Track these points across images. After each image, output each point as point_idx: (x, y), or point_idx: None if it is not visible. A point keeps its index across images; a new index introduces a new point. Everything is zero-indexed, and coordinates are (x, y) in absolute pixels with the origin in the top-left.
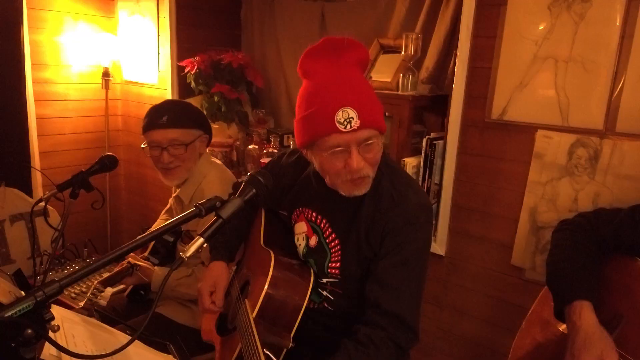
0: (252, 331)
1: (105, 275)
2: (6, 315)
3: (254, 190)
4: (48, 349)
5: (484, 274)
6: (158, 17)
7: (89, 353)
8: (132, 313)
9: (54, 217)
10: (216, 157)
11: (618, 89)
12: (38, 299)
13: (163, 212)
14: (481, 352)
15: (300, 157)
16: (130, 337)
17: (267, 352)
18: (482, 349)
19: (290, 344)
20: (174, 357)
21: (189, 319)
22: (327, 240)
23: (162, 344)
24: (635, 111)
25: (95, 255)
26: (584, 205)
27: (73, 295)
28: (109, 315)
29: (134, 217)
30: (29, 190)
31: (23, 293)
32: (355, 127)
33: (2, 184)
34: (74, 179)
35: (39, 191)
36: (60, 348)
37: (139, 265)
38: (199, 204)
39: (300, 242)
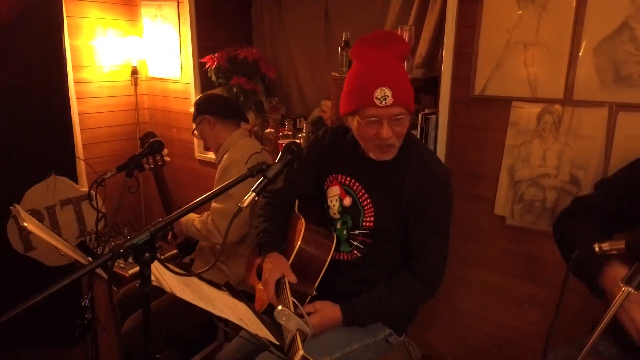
0: (284, 281)
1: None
2: (134, 242)
3: (289, 156)
4: None
5: (473, 224)
6: (179, 19)
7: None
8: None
9: (96, 201)
10: None
11: (574, 65)
12: (152, 230)
13: None
14: (472, 287)
15: (334, 134)
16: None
17: (293, 300)
18: (472, 284)
19: (314, 292)
20: (229, 294)
21: (220, 277)
22: (360, 200)
23: (217, 285)
24: (587, 83)
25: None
26: (551, 160)
27: (122, 265)
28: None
29: None
30: (74, 179)
31: (90, 258)
32: (389, 104)
33: (52, 173)
34: (129, 161)
35: (83, 179)
36: (165, 265)
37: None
38: (250, 167)
39: (334, 203)
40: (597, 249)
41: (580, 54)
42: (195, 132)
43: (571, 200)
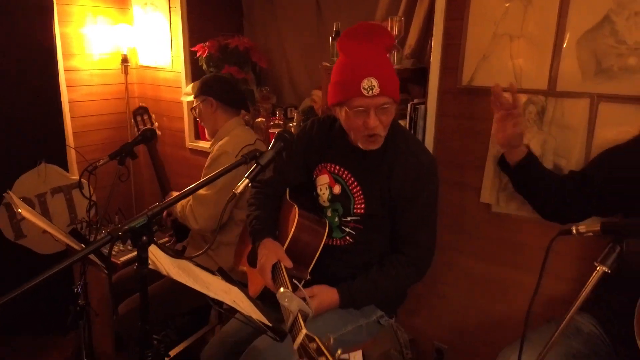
0: (280, 265)
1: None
2: (132, 225)
3: (282, 144)
4: None
5: (459, 212)
6: (169, 8)
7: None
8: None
9: (87, 190)
10: None
11: (557, 57)
12: (149, 214)
13: None
14: (458, 274)
15: (321, 125)
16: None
17: (295, 282)
18: (459, 271)
19: (308, 276)
20: (222, 279)
21: (211, 264)
22: (350, 188)
23: (210, 271)
24: (570, 75)
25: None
26: (535, 149)
27: (114, 252)
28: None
29: (154, 189)
30: (65, 167)
31: (82, 245)
32: (376, 94)
33: (43, 161)
34: (122, 149)
35: (74, 167)
36: (162, 247)
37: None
38: (244, 155)
39: (324, 191)
40: (574, 230)
41: (564, 46)
42: (195, 109)
43: None
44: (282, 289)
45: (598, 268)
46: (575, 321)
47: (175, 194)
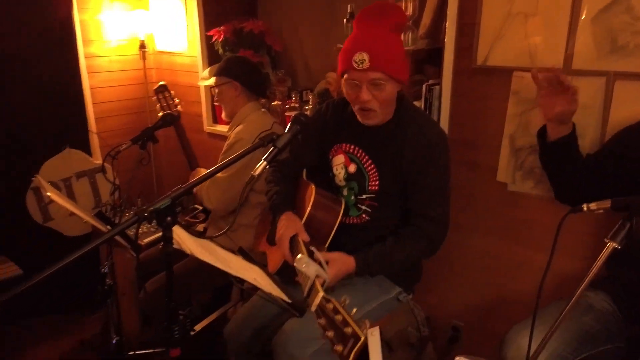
0: (298, 239)
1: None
2: (157, 207)
3: (298, 127)
4: None
5: (476, 191)
6: None
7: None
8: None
9: (110, 174)
10: None
11: (573, 35)
12: (172, 196)
13: None
14: (473, 252)
15: (335, 107)
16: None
17: (312, 248)
18: (473, 249)
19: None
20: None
21: (231, 245)
22: (364, 166)
23: (231, 251)
24: (585, 53)
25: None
26: None
27: (139, 234)
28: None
29: (174, 173)
30: (87, 151)
31: (108, 227)
32: (365, 67)
33: (67, 147)
34: (143, 134)
35: (97, 151)
36: (185, 227)
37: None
38: (261, 138)
39: (340, 171)
40: (585, 208)
41: (579, 24)
42: (215, 89)
43: None
44: (299, 255)
45: (608, 244)
46: (587, 298)
47: (202, 170)
